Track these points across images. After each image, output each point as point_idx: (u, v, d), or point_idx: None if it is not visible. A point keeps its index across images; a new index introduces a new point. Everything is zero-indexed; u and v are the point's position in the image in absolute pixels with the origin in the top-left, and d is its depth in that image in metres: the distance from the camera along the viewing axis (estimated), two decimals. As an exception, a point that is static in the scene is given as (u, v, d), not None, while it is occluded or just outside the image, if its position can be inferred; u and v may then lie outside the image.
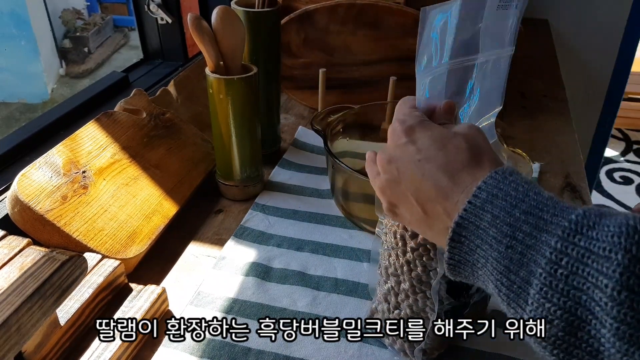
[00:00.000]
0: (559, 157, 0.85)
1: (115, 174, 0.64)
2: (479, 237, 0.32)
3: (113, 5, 3.39)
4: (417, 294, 0.46)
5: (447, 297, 0.44)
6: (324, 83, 0.88)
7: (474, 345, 0.52)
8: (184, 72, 0.92)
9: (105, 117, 0.68)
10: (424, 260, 0.44)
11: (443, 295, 0.44)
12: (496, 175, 0.33)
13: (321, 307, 0.56)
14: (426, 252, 0.44)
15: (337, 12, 0.90)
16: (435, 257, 0.43)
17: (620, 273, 0.25)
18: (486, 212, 0.32)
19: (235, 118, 0.67)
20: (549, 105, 1.05)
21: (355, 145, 0.77)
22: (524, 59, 1.34)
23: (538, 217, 0.30)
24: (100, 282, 0.51)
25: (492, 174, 0.33)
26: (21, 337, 0.39)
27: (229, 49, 0.65)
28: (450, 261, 0.34)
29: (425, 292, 0.45)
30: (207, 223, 0.69)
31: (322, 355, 0.50)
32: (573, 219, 0.28)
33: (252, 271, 0.60)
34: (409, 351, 0.49)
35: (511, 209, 0.31)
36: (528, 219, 0.30)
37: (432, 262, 0.44)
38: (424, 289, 0.45)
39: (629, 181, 2.42)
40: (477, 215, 0.32)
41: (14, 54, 2.69)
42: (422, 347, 0.48)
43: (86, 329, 0.50)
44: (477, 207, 0.32)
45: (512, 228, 0.30)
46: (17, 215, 0.55)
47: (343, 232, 0.67)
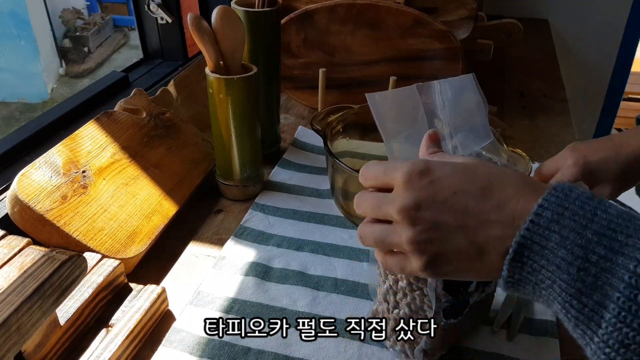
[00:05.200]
0: (558, 157, 0.85)
1: (115, 174, 0.64)
2: (545, 257, 0.31)
3: (113, 5, 3.39)
4: (414, 292, 0.46)
5: (445, 294, 0.44)
6: (324, 83, 0.88)
7: (474, 345, 0.52)
8: (183, 72, 0.92)
9: (105, 117, 0.68)
10: None
11: (440, 292, 0.44)
12: (557, 192, 0.32)
13: (321, 307, 0.56)
14: None
15: (337, 12, 0.90)
16: None
17: None
18: (553, 232, 0.31)
19: (235, 118, 0.67)
20: (549, 105, 1.05)
21: (355, 145, 0.77)
22: (524, 59, 1.34)
23: (612, 238, 0.29)
24: (100, 282, 0.51)
25: (551, 190, 0.32)
26: (21, 337, 0.39)
27: (229, 49, 0.65)
28: (510, 280, 0.33)
29: (423, 290, 0.45)
30: (207, 223, 0.69)
31: (322, 355, 0.50)
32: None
33: (252, 271, 0.60)
34: (409, 352, 0.49)
35: (582, 230, 0.30)
36: (601, 241, 0.29)
37: None
38: (421, 286, 0.45)
39: (628, 181, 2.41)
40: (542, 235, 0.31)
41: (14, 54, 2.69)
42: (422, 347, 0.47)
43: (86, 328, 0.50)
44: (542, 227, 0.31)
45: (585, 250, 0.30)
46: (17, 215, 0.55)
47: (343, 232, 0.67)
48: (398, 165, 0.37)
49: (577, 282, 0.30)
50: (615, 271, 0.29)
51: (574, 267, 0.30)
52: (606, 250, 0.29)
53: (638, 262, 0.28)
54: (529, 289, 0.33)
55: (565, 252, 0.30)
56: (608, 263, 0.29)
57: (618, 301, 0.28)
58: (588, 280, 0.29)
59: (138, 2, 1.10)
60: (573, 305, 0.30)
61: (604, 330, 0.29)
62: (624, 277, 0.28)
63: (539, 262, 0.32)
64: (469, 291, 0.46)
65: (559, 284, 0.31)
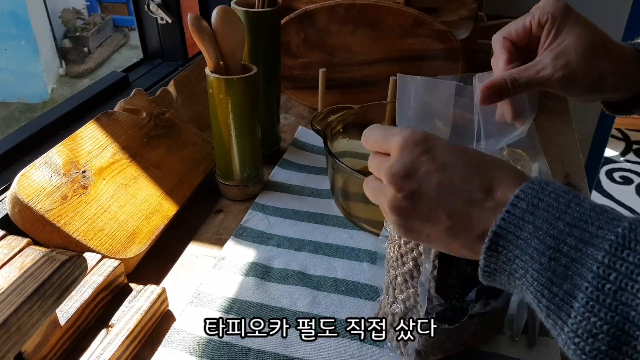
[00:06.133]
0: (559, 157, 0.85)
1: (115, 174, 0.64)
2: (519, 247, 0.32)
3: (113, 5, 3.39)
4: (408, 290, 0.46)
5: (437, 297, 0.44)
6: (324, 83, 0.88)
7: (473, 345, 0.52)
8: (184, 72, 0.92)
9: (105, 117, 0.68)
10: (414, 255, 0.44)
11: (432, 295, 0.44)
12: (533, 185, 0.32)
13: (321, 307, 0.56)
14: (416, 246, 0.43)
15: (337, 12, 0.90)
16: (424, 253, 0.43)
17: None
18: (527, 222, 0.31)
19: (235, 118, 0.67)
20: (549, 105, 1.05)
21: (355, 145, 0.77)
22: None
23: (583, 229, 0.30)
24: (100, 282, 0.51)
25: (528, 183, 0.33)
26: (21, 337, 0.39)
27: (229, 49, 0.65)
28: (486, 269, 0.34)
29: (416, 289, 0.45)
30: (207, 223, 0.69)
31: (322, 355, 0.50)
32: (620, 232, 0.28)
33: (252, 271, 0.60)
34: (403, 349, 0.49)
35: (554, 221, 0.31)
36: (573, 232, 0.30)
37: (421, 258, 0.43)
38: (415, 285, 0.45)
39: (628, 181, 2.42)
40: (516, 225, 0.32)
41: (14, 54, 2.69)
42: (415, 347, 0.47)
43: (86, 329, 0.50)
44: (517, 217, 0.32)
45: (556, 240, 0.30)
46: (17, 215, 0.55)
47: (343, 232, 0.67)
48: (397, 131, 0.38)
49: (548, 272, 0.30)
50: (585, 261, 0.29)
51: (546, 257, 0.30)
52: (577, 240, 0.30)
53: (606, 253, 0.28)
54: (504, 278, 0.34)
55: (538, 242, 0.31)
56: (578, 253, 0.29)
57: (587, 291, 0.28)
58: (559, 270, 0.30)
59: (138, 2, 1.10)
60: (544, 295, 0.31)
61: (573, 320, 0.29)
62: (592, 268, 0.29)
63: (513, 252, 0.32)
64: (467, 300, 0.45)
65: (531, 274, 0.31)
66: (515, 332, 0.53)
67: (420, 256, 0.43)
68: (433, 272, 0.43)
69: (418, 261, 0.44)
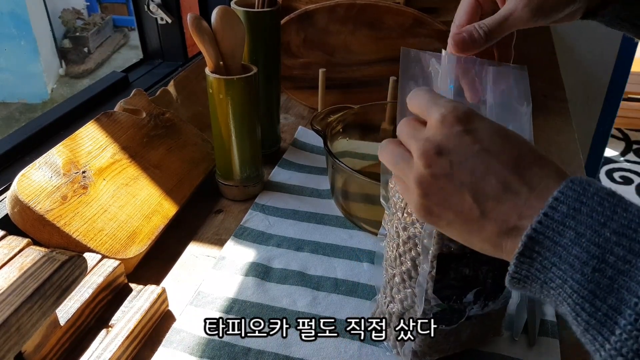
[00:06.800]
0: (559, 157, 0.85)
1: (115, 174, 0.64)
2: (557, 254, 0.29)
3: (113, 5, 3.39)
4: (406, 289, 0.46)
5: (435, 297, 0.43)
6: (323, 83, 0.88)
7: (470, 346, 0.52)
8: (183, 72, 0.93)
9: (105, 117, 0.68)
10: (413, 255, 0.44)
11: (430, 296, 0.43)
12: (574, 185, 0.30)
13: (321, 307, 0.56)
14: (414, 246, 0.43)
15: (337, 12, 0.90)
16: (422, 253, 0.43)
17: None
18: (568, 228, 0.29)
19: (235, 118, 0.67)
20: (549, 105, 1.05)
21: (355, 145, 0.77)
22: (523, 58, 1.33)
23: (632, 239, 0.27)
24: (100, 282, 0.51)
25: (568, 183, 0.30)
26: (21, 337, 0.39)
27: (228, 49, 0.65)
28: (516, 275, 0.31)
29: (414, 289, 0.45)
30: (207, 223, 0.69)
31: (322, 355, 0.50)
32: None
33: (252, 271, 0.60)
34: (400, 350, 0.49)
35: (599, 228, 0.28)
36: (621, 241, 0.27)
37: (419, 258, 0.43)
38: (413, 285, 0.45)
39: (628, 181, 2.42)
40: (555, 231, 0.29)
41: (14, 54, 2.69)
42: (412, 347, 0.47)
43: (86, 329, 0.50)
44: (556, 222, 0.29)
45: (602, 250, 0.28)
46: (17, 215, 0.55)
47: (343, 232, 0.67)
48: (441, 102, 0.35)
49: (591, 284, 0.28)
50: (634, 274, 0.27)
51: (589, 267, 0.28)
52: (625, 251, 0.27)
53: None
54: (535, 287, 0.31)
55: (580, 250, 0.28)
56: (627, 265, 0.27)
57: (635, 307, 0.26)
58: (603, 282, 0.27)
59: (138, 3, 1.10)
60: (585, 309, 0.28)
61: (617, 338, 0.27)
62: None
63: (549, 259, 0.30)
64: (465, 301, 0.45)
65: (570, 284, 0.29)
66: (515, 332, 0.52)
67: (418, 256, 0.43)
68: (431, 273, 0.42)
69: (416, 261, 0.44)
